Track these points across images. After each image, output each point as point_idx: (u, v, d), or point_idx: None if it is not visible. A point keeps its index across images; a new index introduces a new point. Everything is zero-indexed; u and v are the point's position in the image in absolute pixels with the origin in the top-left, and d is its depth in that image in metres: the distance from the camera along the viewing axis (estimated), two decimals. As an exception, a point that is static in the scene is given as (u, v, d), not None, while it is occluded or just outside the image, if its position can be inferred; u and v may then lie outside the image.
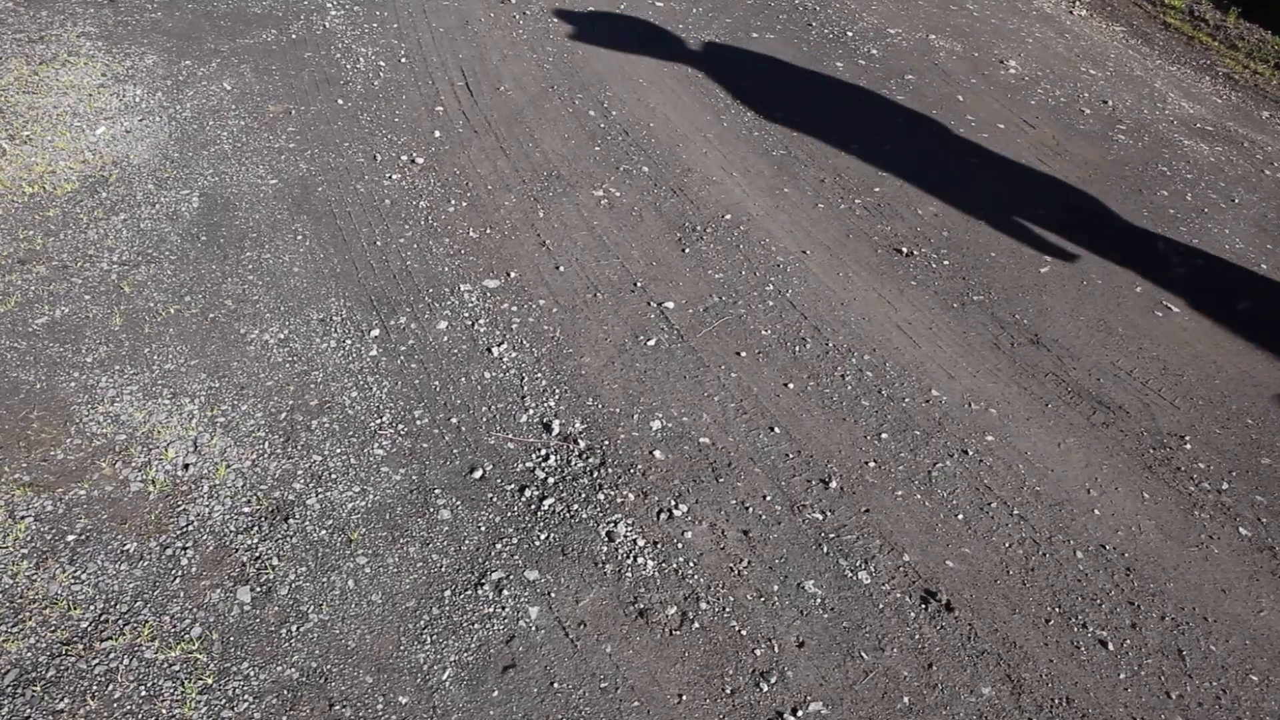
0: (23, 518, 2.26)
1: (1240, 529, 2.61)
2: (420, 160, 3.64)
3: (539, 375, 2.82)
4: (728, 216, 3.54)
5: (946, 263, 3.44)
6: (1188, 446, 2.83)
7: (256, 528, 2.32)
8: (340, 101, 3.92)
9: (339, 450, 2.54)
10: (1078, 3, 5.76)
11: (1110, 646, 2.28)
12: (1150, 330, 3.23)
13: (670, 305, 3.11)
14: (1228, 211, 3.90)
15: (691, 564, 2.36)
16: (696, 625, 2.23)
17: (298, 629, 2.13)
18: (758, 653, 2.19)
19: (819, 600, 2.31)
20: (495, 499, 2.47)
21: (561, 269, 3.21)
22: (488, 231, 3.34)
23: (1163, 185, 4.02)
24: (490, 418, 2.68)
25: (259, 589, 2.19)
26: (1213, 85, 4.94)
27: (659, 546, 2.39)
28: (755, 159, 3.89)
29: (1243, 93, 4.90)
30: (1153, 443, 2.83)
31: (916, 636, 2.26)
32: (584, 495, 2.50)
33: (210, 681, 2.01)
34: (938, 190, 3.82)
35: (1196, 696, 2.20)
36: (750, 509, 2.51)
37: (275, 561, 2.25)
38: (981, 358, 3.05)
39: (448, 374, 2.79)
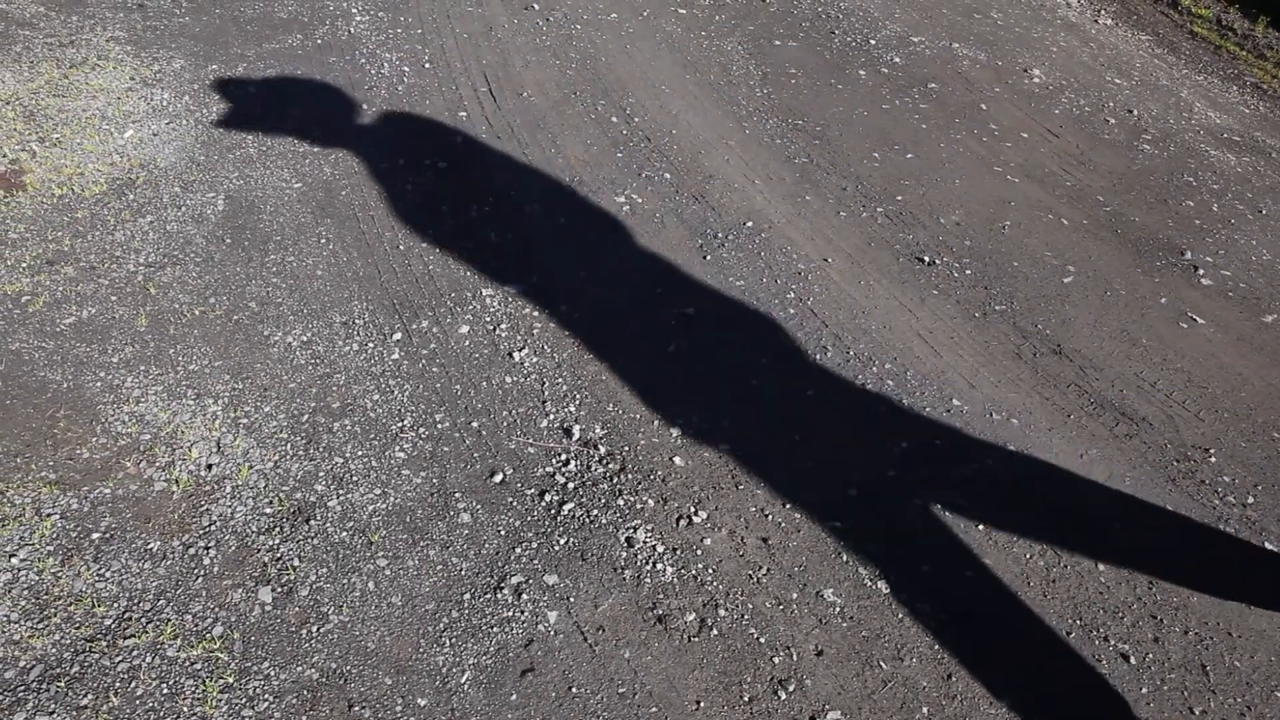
0: (49, 515, 2.29)
1: (1266, 544, 2.58)
2: (443, 165, 3.66)
3: (560, 380, 2.83)
4: (749, 224, 3.54)
5: (969, 272, 3.42)
6: (1212, 460, 2.80)
7: (278, 528, 2.34)
8: (365, 106, 3.95)
9: (360, 453, 2.56)
10: (1103, 11, 5.72)
11: (1132, 660, 2.25)
12: (1175, 342, 3.20)
13: (691, 311, 3.11)
14: (1255, 223, 3.86)
15: (711, 571, 2.36)
16: (715, 632, 2.22)
17: (318, 630, 2.14)
18: (776, 660, 2.18)
19: (838, 609, 2.30)
20: (515, 503, 2.47)
21: (583, 274, 3.22)
22: (510, 236, 3.35)
23: (1188, 195, 3.99)
24: (511, 422, 2.69)
25: (280, 589, 2.21)
26: (1240, 95, 4.89)
27: (678, 553, 2.39)
28: (777, 166, 3.89)
29: (1271, 102, 4.85)
30: (1176, 455, 2.80)
31: (936, 647, 2.24)
32: (604, 501, 2.50)
33: (231, 680, 2.03)
34: (960, 199, 3.81)
35: (1220, 712, 2.17)
36: (770, 516, 2.51)
37: (296, 562, 2.27)
38: (1003, 368, 3.03)
39: (469, 378, 2.81)
